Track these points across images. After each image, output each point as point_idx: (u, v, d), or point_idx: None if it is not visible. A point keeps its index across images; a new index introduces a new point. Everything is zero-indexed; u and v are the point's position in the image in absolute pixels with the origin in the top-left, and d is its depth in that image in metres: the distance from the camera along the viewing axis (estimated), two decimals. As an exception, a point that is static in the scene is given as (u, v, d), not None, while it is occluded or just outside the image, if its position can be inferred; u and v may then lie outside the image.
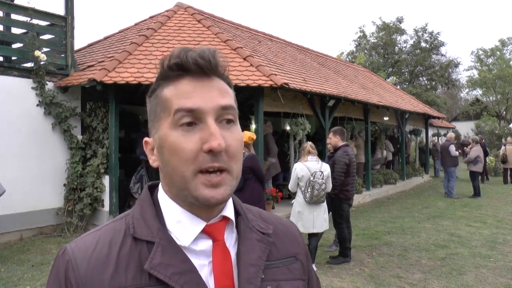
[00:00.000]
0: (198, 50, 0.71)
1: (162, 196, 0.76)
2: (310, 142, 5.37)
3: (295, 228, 0.91)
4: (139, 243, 0.71)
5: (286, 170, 9.23)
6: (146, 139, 0.78)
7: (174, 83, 0.72)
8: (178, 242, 0.72)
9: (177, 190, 0.72)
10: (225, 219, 0.76)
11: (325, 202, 5.13)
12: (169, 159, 0.70)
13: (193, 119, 0.69)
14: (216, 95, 0.71)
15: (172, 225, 0.73)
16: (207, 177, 0.69)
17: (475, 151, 11.69)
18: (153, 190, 0.80)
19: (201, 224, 0.73)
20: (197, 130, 0.69)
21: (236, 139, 0.72)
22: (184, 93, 0.70)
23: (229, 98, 0.73)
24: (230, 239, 0.76)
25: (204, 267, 0.71)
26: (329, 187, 5.16)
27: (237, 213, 0.80)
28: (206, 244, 0.73)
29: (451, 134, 12.33)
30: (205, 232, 0.73)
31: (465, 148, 16.02)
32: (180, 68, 0.71)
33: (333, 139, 5.63)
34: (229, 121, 0.72)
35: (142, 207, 0.76)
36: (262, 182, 5.19)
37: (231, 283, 0.72)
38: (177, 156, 0.69)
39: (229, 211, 0.77)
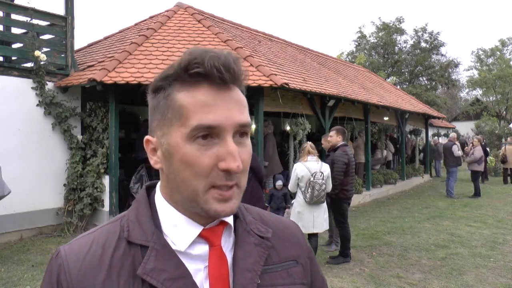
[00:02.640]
0: (222, 58, 0.67)
1: (160, 198, 0.74)
2: (310, 142, 5.37)
3: (297, 230, 0.88)
4: (133, 247, 0.70)
5: (285, 169, 9.22)
6: (148, 137, 0.74)
7: (191, 89, 0.68)
8: (174, 247, 0.70)
9: (183, 198, 0.70)
10: (223, 223, 0.75)
11: (325, 202, 5.14)
12: (180, 171, 0.68)
13: (210, 133, 0.67)
14: (236, 111, 0.68)
15: (168, 229, 0.72)
16: (219, 191, 0.68)
17: (479, 151, 11.68)
18: (150, 191, 0.78)
19: (198, 229, 0.71)
20: (213, 145, 0.67)
21: (247, 153, 0.71)
22: (203, 104, 0.66)
23: (247, 113, 0.71)
24: (227, 244, 0.75)
25: (199, 272, 0.70)
26: (329, 187, 5.16)
27: (235, 216, 0.79)
28: (203, 248, 0.72)
29: (453, 134, 12.30)
30: (202, 237, 0.72)
31: (465, 148, 16.01)
32: (201, 76, 0.67)
33: (334, 138, 5.62)
34: (243, 134, 0.71)
35: (138, 209, 0.74)
36: (261, 181, 5.19)
37: None
38: (191, 170, 0.67)
39: None
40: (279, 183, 6.31)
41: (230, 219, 0.76)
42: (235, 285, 0.70)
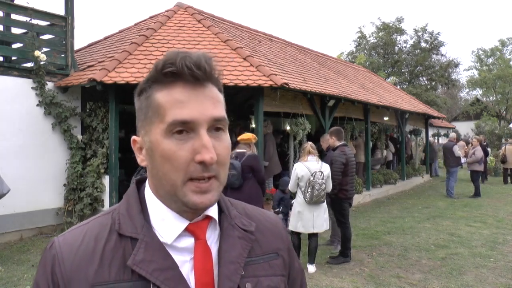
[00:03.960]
0: (194, 57, 0.71)
1: (149, 193, 0.78)
2: (311, 142, 5.38)
3: (279, 223, 0.92)
4: (123, 239, 0.74)
5: (285, 169, 9.22)
6: (134, 137, 0.79)
7: (168, 88, 0.72)
8: (162, 239, 0.74)
9: (165, 193, 0.74)
10: (208, 217, 0.78)
11: (325, 202, 5.14)
12: (160, 166, 0.72)
13: (186, 128, 0.71)
14: (209, 106, 0.72)
15: (156, 222, 0.76)
16: (196, 183, 0.71)
17: (479, 151, 11.68)
18: (140, 185, 0.82)
19: (184, 223, 0.75)
20: (189, 139, 0.71)
21: (224, 147, 0.74)
22: (178, 102, 0.71)
23: (221, 108, 0.75)
24: (212, 236, 0.79)
25: (185, 263, 0.74)
26: (329, 187, 5.17)
27: (221, 210, 0.82)
28: (189, 241, 0.75)
29: (453, 134, 12.30)
30: (188, 231, 0.75)
31: (465, 148, 16.01)
32: (175, 75, 0.71)
33: (330, 141, 5.72)
34: (219, 129, 0.74)
35: (128, 203, 0.78)
36: (262, 183, 5.16)
37: (211, 280, 0.74)
38: (170, 164, 0.71)
39: (212, 210, 0.79)
40: None
41: (215, 214, 0.80)
42: (220, 276, 0.74)
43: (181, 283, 0.71)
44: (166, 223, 0.75)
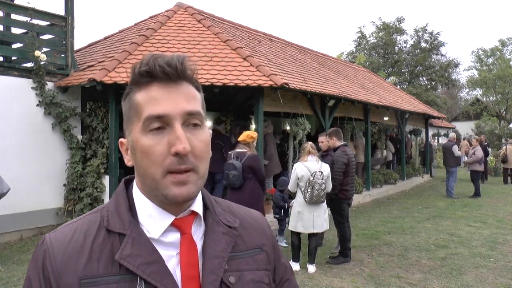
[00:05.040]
0: (166, 58, 0.75)
1: (136, 191, 0.82)
2: (311, 142, 5.38)
3: (263, 220, 0.96)
4: (112, 235, 0.77)
5: (284, 169, 9.22)
6: (121, 140, 0.83)
7: (145, 89, 0.76)
8: (148, 235, 0.77)
9: (148, 188, 0.77)
10: (194, 213, 0.82)
11: (325, 202, 5.13)
12: (140, 161, 0.76)
13: (161, 123, 0.74)
14: (182, 101, 0.76)
15: (143, 218, 0.79)
16: (174, 175, 0.74)
17: (479, 150, 11.68)
18: (128, 184, 0.86)
19: (170, 218, 0.78)
20: (165, 134, 0.74)
21: (201, 141, 0.77)
22: (153, 99, 0.75)
23: (196, 103, 0.78)
24: (198, 232, 0.82)
25: (172, 258, 0.77)
26: (329, 187, 5.16)
27: (206, 207, 0.86)
28: (175, 236, 0.79)
29: (453, 134, 12.30)
30: (174, 226, 0.79)
31: (466, 148, 16.01)
32: (149, 75, 0.75)
33: (330, 142, 5.69)
34: (196, 125, 0.77)
35: (117, 201, 0.82)
36: (262, 182, 5.18)
37: (196, 273, 0.77)
38: (148, 159, 0.74)
39: (197, 206, 0.82)
40: None
41: (199, 209, 0.83)
42: (204, 270, 0.77)
43: (167, 276, 0.74)
44: (152, 219, 0.78)
